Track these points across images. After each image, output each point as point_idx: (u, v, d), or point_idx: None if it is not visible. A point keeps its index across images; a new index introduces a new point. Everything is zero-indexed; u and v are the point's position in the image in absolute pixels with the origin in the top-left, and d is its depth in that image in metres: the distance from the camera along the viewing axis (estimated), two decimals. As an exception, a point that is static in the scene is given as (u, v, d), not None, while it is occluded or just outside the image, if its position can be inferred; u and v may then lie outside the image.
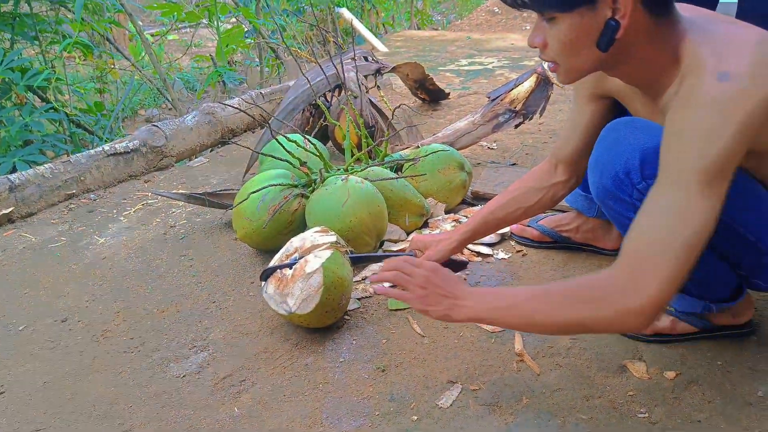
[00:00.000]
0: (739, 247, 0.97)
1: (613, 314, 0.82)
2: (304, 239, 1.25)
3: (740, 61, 0.80)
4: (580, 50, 0.88)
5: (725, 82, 0.79)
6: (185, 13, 3.50)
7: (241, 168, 2.19)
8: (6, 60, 2.30)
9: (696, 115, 0.81)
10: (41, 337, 1.29)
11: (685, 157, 0.81)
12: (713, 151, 0.79)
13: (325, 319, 1.20)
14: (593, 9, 0.83)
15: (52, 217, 1.87)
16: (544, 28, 0.89)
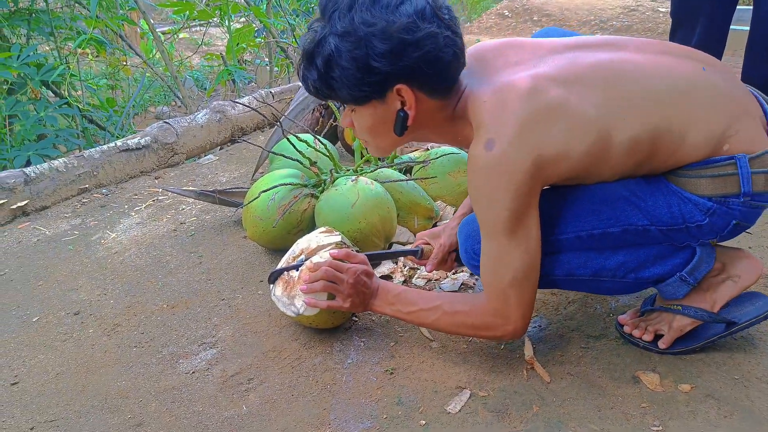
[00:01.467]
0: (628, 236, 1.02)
1: (496, 336, 1.06)
2: (309, 240, 1.26)
3: (505, 126, 0.91)
4: (380, 134, 1.01)
5: (491, 150, 0.91)
6: (197, 12, 3.52)
7: (250, 166, 2.20)
8: (22, 55, 2.32)
9: (476, 181, 0.95)
10: (54, 329, 1.31)
11: (483, 217, 0.97)
12: (500, 211, 0.93)
13: (333, 320, 1.21)
14: (384, 102, 0.96)
15: (65, 211, 1.89)
16: (350, 114, 1.03)
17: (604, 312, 1.26)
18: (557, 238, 1.02)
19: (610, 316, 1.24)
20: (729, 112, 0.95)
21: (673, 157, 0.96)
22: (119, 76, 3.90)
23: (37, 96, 2.62)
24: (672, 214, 0.98)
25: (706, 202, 0.96)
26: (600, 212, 1.00)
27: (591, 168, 0.96)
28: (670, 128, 0.94)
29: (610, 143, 0.93)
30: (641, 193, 1.00)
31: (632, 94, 0.95)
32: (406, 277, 1.41)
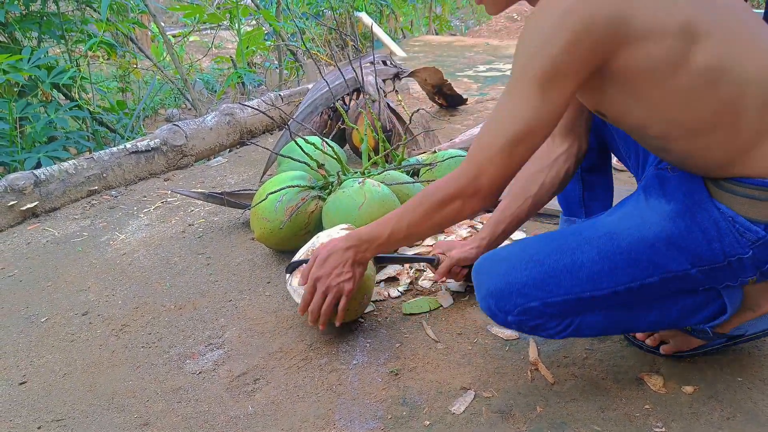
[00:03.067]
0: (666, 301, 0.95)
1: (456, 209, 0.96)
2: (330, 235, 1.26)
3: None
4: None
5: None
6: (207, 15, 3.55)
7: (258, 169, 2.22)
8: (33, 58, 2.36)
9: (536, 21, 0.83)
10: (62, 330, 1.32)
11: (523, 62, 0.84)
12: (546, 54, 0.80)
13: (345, 316, 1.21)
14: None
15: (74, 213, 1.91)
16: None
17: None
18: (593, 295, 0.92)
19: (617, 319, 1.23)
20: None
21: (759, 136, 0.81)
22: (129, 79, 3.95)
23: (47, 98, 2.65)
24: (712, 249, 0.86)
25: (759, 230, 0.84)
26: (638, 262, 0.90)
27: (657, 75, 0.80)
28: (759, 107, 0.80)
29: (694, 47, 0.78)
30: (679, 218, 0.88)
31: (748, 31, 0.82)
32: (412, 279, 1.42)
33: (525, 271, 0.94)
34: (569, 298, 0.92)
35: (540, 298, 0.93)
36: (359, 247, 1.10)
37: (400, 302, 1.34)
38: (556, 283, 0.92)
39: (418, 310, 1.29)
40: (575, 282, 0.92)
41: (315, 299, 1.13)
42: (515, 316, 0.95)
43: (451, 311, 1.30)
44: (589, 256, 0.92)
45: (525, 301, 0.93)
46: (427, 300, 1.32)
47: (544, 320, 0.95)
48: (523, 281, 0.94)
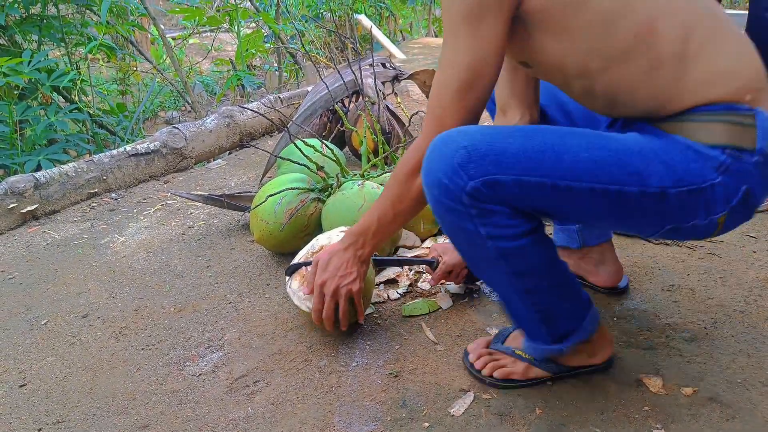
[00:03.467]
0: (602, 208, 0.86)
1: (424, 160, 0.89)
2: (330, 237, 1.27)
3: None
4: None
5: None
6: (207, 18, 3.56)
7: (258, 171, 2.22)
8: (33, 61, 2.36)
9: None
10: (62, 332, 1.33)
11: (448, 9, 0.86)
12: (464, 1, 0.83)
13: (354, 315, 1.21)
14: None
15: (74, 215, 1.91)
16: None
17: (607, 315, 1.25)
18: (570, 185, 0.83)
19: (614, 320, 1.24)
20: (758, 68, 0.84)
21: (683, 64, 0.81)
22: (129, 82, 3.96)
23: (48, 101, 2.66)
24: (691, 170, 0.82)
25: (719, 154, 0.82)
26: (625, 165, 0.83)
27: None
28: (692, 25, 0.80)
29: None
30: (659, 138, 0.85)
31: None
32: (412, 281, 1.42)
33: (509, 139, 0.84)
34: (545, 182, 0.83)
35: (516, 172, 0.83)
36: (356, 243, 1.11)
37: (399, 304, 1.34)
38: (539, 159, 0.83)
39: (417, 312, 1.30)
40: (558, 164, 0.83)
41: (326, 305, 1.14)
42: (477, 184, 0.83)
43: (450, 313, 1.30)
44: (578, 142, 0.85)
45: (497, 171, 0.83)
46: (426, 302, 1.32)
47: (500, 209, 0.85)
48: (503, 148, 0.83)
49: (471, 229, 0.87)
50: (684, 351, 1.14)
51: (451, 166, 0.84)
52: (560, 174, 0.83)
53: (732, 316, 1.23)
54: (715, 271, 1.40)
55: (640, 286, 1.35)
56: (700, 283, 1.36)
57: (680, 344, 1.16)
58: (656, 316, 1.25)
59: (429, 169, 0.87)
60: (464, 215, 0.86)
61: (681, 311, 1.26)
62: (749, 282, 1.35)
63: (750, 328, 1.19)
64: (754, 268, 1.41)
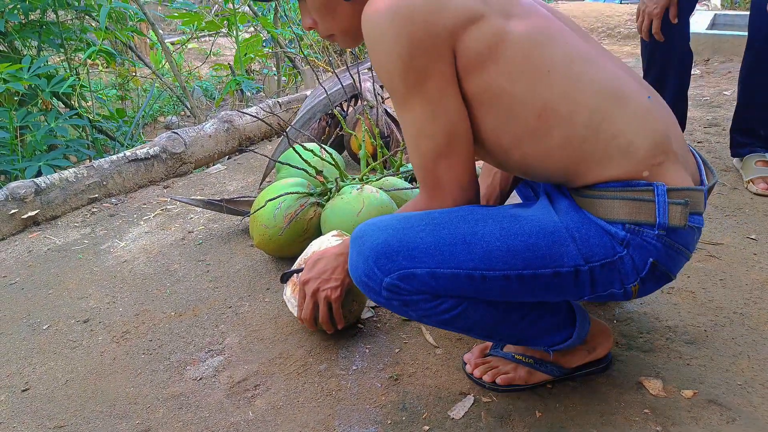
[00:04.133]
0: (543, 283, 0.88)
1: None
2: (321, 243, 1.28)
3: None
4: (335, 10, 0.94)
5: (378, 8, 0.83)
6: (205, 23, 3.57)
7: (257, 176, 2.23)
8: (33, 67, 2.37)
9: (373, 36, 0.85)
10: (64, 337, 1.33)
11: (389, 84, 0.86)
12: (400, 66, 0.83)
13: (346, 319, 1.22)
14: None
15: (75, 221, 1.92)
16: (305, 9, 0.96)
17: (606, 318, 1.26)
18: (483, 275, 0.86)
19: (613, 323, 1.24)
20: (658, 138, 0.86)
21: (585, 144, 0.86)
22: (129, 87, 3.97)
23: (48, 107, 2.67)
24: (603, 244, 0.86)
25: (619, 230, 0.86)
26: (537, 248, 0.86)
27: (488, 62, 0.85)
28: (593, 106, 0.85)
29: None
30: (574, 212, 0.89)
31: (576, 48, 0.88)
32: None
33: (421, 233, 0.87)
34: (459, 273, 0.86)
35: (429, 265, 0.86)
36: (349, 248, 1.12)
37: (399, 308, 1.34)
38: (450, 252, 0.86)
39: (417, 315, 1.30)
40: (470, 256, 0.86)
41: (305, 305, 1.16)
42: (393, 279, 0.86)
43: (449, 316, 1.30)
44: (490, 230, 0.87)
45: (411, 265, 0.86)
46: (426, 305, 1.32)
47: (421, 297, 0.88)
48: (415, 242, 0.86)
49: (404, 313, 0.93)
50: (684, 353, 1.14)
51: (368, 265, 0.88)
52: (473, 265, 0.86)
53: (732, 319, 1.24)
54: (715, 273, 1.41)
55: (638, 289, 1.35)
56: (700, 285, 1.36)
57: (680, 347, 1.16)
58: (656, 318, 1.25)
59: (352, 267, 0.92)
60: (390, 305, 0.91)
61: (681, 314, 1.26)
62: (749, 284, 1.36)
63: (750, 331, 1.20)
64: (755, 270, 1.41)
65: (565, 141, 0.87)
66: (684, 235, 0.87)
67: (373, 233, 0.89)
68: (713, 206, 1.74)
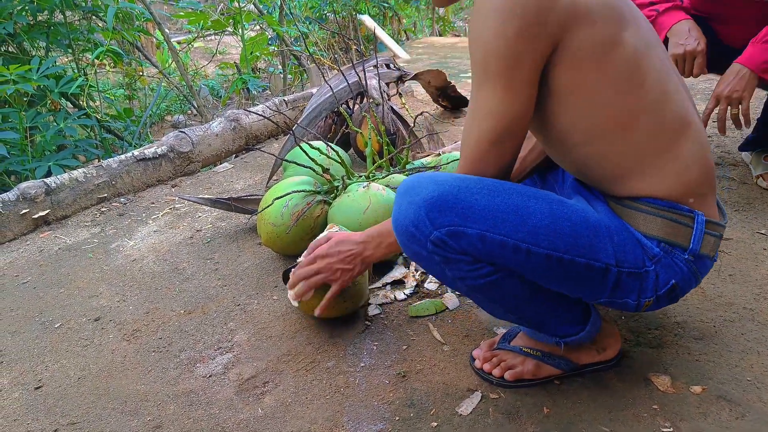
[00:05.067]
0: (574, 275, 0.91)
1: None
2: (318, 240, 1.29)
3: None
4: None
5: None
6: (211, 22, 3.58)
7: (264, 174, 2.24)
8: (42, 68, 2.39)
9: (479, 18, 0.84)
10: (76, 335, 1.35)
11: (481, 59, 0.85)
12: (501, 47, 0.83)
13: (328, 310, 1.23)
14: None
15: (85, 220, 1.94)
16: None
17: (615, 314, 1.26)
18: (529, 249, 0.87)
19: (621, 319, 1.24)
20: (709, 171, 0.93)
21: (647, 157, 0.89)
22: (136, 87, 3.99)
23: (56, 108, 2.69)
24: (635, 254, 0.91)
25: (654, 246, 0.91)
26: (579, 237, 0.88)
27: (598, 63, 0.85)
28: (666, 125, 0.89)
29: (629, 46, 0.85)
30: (612, 223, 0.93)
31: (664, 63, 0.91)
32: (418, 282, 1.43)
33: (476, 195, 0.87)
34: (508, 242, 0.87)
35: (480, 228, 0.86)
36: (369, 244, 1.14)
37: (406, 305, 1.35)
38: (503, 219, 0.86)
39: (424, 312, 1.31)
40: (519, 227, 0.87)
41: (309, 271, 1.18)
42: (442, 234, 0.86)
43: (457, 313, 1.31)
44: (541, 208, 0.89)
45: (463, 224, 0.86)
46: (433, 302, 1.33)
47: (463, 258, 0.89)
48: (469, 202, 0.86)
49: (438, 271, 0.93)
50: (693, 349, 1.14)
51: (419, 214, 0.87)
52: (521, 236, 0.87)
53: (742, 314, 1.23)
54: (724, 268, 1.40)
55: (646, 284, 1.35)
56: (709, 281, 1.36)
57: (689, 342, 1.16)
58: (664, 314, 1.25)
59: (398, 215, 0.91)
60: (431, 261, 0.91)
61: (690, 309, 1.26)
62: (759, 279, 1.35)
63: (760, 326, 1.19)
64: (764, 265, 1.41)
65: (632, 151, 0.90)
66: (706, 266, 0.95)
67: (428, 185, 0.88)
68: (722, 200, 1.73)
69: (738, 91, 1.51)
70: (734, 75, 1.52)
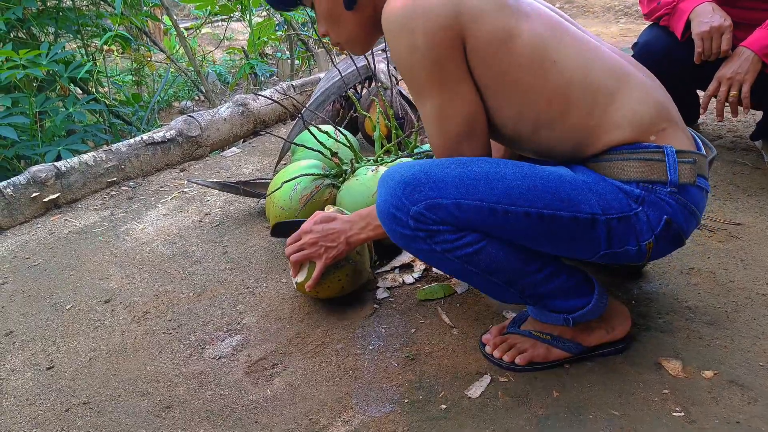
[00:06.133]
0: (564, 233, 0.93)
1: None
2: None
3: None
4: (339, 19, 1.01)
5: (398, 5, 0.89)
6: (219, 6, 3.56)
7: (272, 158, 2.23)
8: (51, 53, 2.39)
9: (393, 32, 0.91)
10: (86, 317, 1.36)
11: (408, 73, 0.92)
12: (421, 59, 0.90)
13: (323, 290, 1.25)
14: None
15: (94, 204, 1.94)
16: (318, 17, 1.04)
17: (625, 299, 1.25)
18: (506, 209, 0.90)
19: (632, 303, 1.23)
20: (660, 108, 0.95)
21: (594, 119, 0.93)
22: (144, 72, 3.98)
23: (66, 93, 2.69)
24: (619, 200, 0.92)
25: (633, 188, 0.93)
26: (557, 191, 0.91)
27: (500, 55, 0.91)
28: (598, 86, 0.92)
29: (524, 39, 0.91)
30: (589, 176, 0.94)
31: (579, 40, 0.96)
32: (427, 266, 1.42)
33: (446, 169, 0.92)
34: (482, 206, 0.90)
35: (454, 196, 0.90)
36: (355, 224, 1.17)
37: (414, 288, 1.35)
38: (474, 186, 0.90)
39: (432, 296, 1.30)
40: (492, 190, 0.90)
41: (292, 246, 1.23)
42: (419, 208, 0.90)
43: (465, 297, 1.30)
44: (511, 171, 0.92)
45: (437, 195, 0.90)
46: (441, 286, 1.32)
47: (446, 228, 0.91)
48: (440, 176, 0.91)
49: (427, 249, 0.95)
50: (704, 334, 1.13)
51: (396, 195, 0.92)
52: (495, 198, 0.90)
53: (754, 299, 1.22)
54: (736, 253, 1.38)
55: (658, 269, 1.34)
56: (720, 266, 1.34)
57: (700, 327, 1.15)
58: (675, 299, 1.24)
59: (380, 201, 0.96)
60: (416, 239, 0.94)
61: (701, 294, 1.25)
62: (771, 264, 1.33)
63: (771, 311, 1.18)
64: (776, 250, 1.39)
65: (578, 122, 0.94)
66: (694, 195, 0.95)
67: (401, 169, 0.94)
68: (734, 186, 1.71)
69: (740, 74, 1.49)
70: (738, 57, 1.50)
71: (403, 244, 0.97)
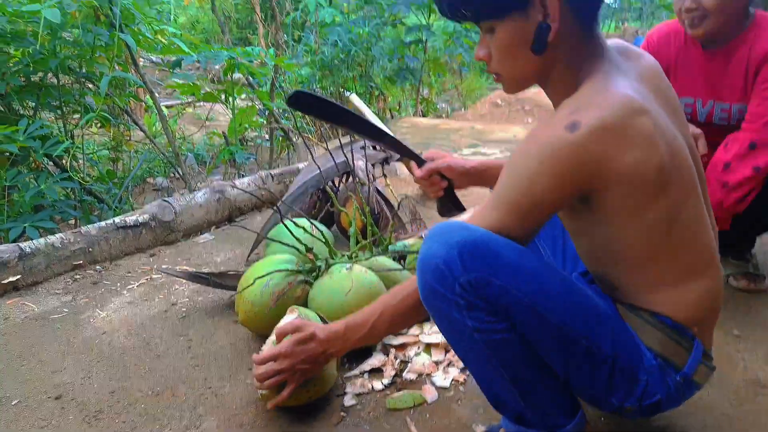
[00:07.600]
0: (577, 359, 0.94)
1: None
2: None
3: (598, 119, 0.83)
4: (517, 56, 0.94)
5: (570, 132, 0.84)
6: (203, 93, 3.68)
7: (245, 247, 2.22)
8: (29, 129, 2.39)
9: (527, 152, 0.89)
10: (33, 414, 1.27)
11: (508, 186, 0.91)
12: (530, 190, 0.88)
13: (293, 400, 1.21)
14: (525, 14, 0.90)
15: (56, 287, 1.87)
16: (487, 41, 0.96)
17: (595, 416, 1.24)
18: (544, 315, 0.90)
19: (602, 420, 1.23)
20: (716, 306, 1.00)
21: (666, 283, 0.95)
22: (121, 149, 4.00)
23: (39, 167, 2.67)
24: (631, 355, 0.94)
25: (651, 358, 0.95)
26: (586, 317, 0.93)
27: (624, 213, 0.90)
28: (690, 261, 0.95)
29: None
30: (619, 323, 0.97)
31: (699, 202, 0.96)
32: (397, 371, 1.40)
33: (505, 249, 0.89)
34: (525, 301, 0.89)
35: (505, 281, 0.88)
36: (333, 343, 1.13)
37: (384, 395, 1.32)
38: (525, 279, 0.89)
39: (402, 405, 1.27)
40: (540, 292, 0.90)
41: (266, 370, 1.16)
42: (472, 277, 0.87)
43: (435, 407, 1.28)
44: (561, 283, 0.93)
45: (491, 273, 0.87)
46: (411, 395, 1.30)
47: (484, 305, 0.89)
48: (501, 254, 0.89)
49: (458, 319, 0.91)
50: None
51: (451, 254, 0.88)
52: (540, 301, 0.90)
53: (720, 420, 1.23)
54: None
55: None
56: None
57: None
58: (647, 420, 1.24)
59: (428, 253, 0.91)
60: (453, 304, 0.90)
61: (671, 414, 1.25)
62: (736, 384, 1.35)
63: (735, 432, 1.19)
64: (740, 369, 1.42)
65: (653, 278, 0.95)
66: (692, 391, 0.99)
67: (461, 231, 0.90)
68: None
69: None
70: None
71: (433, 302, 0.92)
